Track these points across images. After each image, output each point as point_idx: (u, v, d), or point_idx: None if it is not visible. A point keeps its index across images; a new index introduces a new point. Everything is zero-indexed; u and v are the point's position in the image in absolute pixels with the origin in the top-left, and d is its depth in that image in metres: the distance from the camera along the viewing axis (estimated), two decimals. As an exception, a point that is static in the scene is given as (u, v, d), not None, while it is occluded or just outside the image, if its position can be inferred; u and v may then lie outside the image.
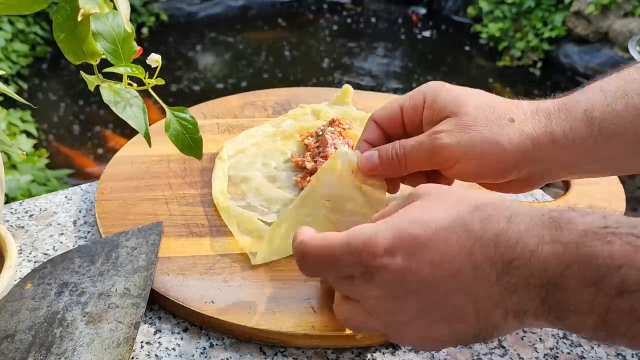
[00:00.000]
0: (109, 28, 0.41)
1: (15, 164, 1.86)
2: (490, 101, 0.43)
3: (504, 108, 0.42)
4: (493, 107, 0.43)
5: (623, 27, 3.07)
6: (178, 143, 0.46)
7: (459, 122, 0.42)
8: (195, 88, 3.31)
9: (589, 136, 0.41)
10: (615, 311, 0.29)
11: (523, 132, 0.41)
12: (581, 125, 0.41)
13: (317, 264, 0.37)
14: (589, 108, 0.41)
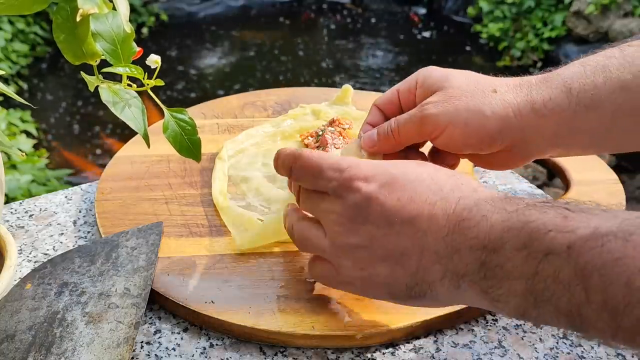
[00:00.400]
0: (109, 28, 0.41)
1: (15, 164, 1.86)
2: (475, 77, 0.46)
3: (488, 81, 0.45)
4: (478, 81, 0.45)
5: (623, 27, 3.07)
6: (176, 144, 0.46)
7: (445, 94, 0.45)
8: (195, 88, 3.31)
9: (568, 106, 0.43)
10: (541, 275, 0.31)
11: (505, 101, 0.44)
12: (560, 95, 0.43)
13: (304, 167, 0.40)
14: (568, 80, 0.43)
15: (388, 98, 0.50)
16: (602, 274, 0.29)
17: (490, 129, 0.44)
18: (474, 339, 0.43)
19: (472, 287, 0.34)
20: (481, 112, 0.44)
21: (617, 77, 0.42)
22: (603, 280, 0.29)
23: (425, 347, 0.43)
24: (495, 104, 0.44)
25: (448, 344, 0.43)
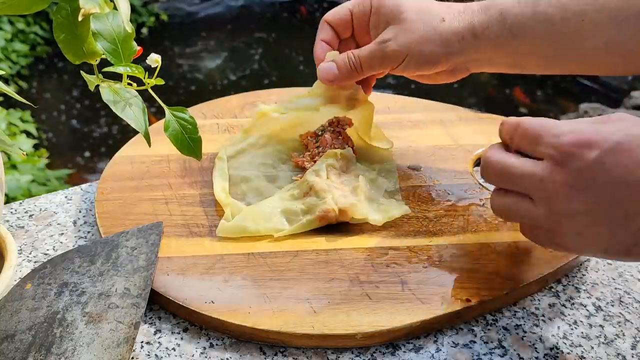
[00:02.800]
0: (109, 28, 0.41)
1: (15, 164, 1.86)
2: (426, 5, 0.52)
3: (437, 9, 0.51)
4: (429, 10, 0.51)
5: (623, 27, 3.07)
6: (177, 143, 0.46)
7: (401, 29, 0.51)
8: (195, 88, 3.31)
9: (501, 34, 0.50)
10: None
11: (451, 29, 0.51)
12: (497, 24, 0.50)
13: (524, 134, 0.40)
14: (504, 10, 0.50)
15: (340, 17, 0.54)
16: None
17: (439, 55, 0.51)
18: (474, 339, 0.43)
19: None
20: (433, 42, 0.50)
21: (543, 11, 0.49)
22: None
23: (425, 347, 0.43)
24: (444, 32, 0.50)
25: (448, 344, 0.43)
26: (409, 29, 0.50)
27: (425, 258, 0.48)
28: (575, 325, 0.45)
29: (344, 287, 0.45)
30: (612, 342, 0.44)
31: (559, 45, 0.50)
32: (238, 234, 0.50)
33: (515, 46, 0.51)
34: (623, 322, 0.45)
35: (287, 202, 0.52)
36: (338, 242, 0.50)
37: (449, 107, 0.73)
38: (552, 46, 0.50)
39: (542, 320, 0.45)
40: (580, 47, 0.50)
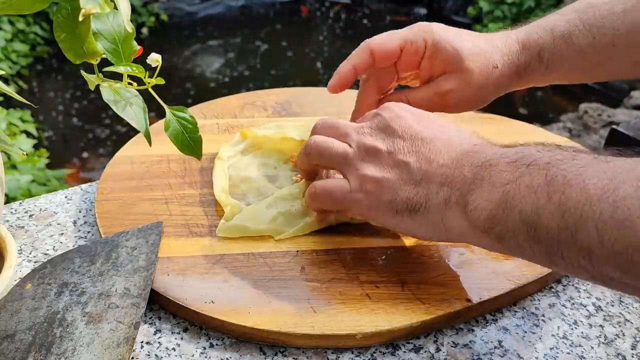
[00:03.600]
0: (110, 28, 0.41)
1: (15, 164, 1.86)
2: (481, 49, 0.53)
3: (490, 53, 0.53)
4: (484, 56, 0.53)
5: (623, 27, 3.07)
6: (178, 143, 0.46)
7: (462, 80, 0.52)
8: (195, 88, 3.31)
9: (540, 69, 0.54)
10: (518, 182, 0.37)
11: (502, 74, 0.53)
12: (536, 63, 0.53)
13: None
14: (542, 48, 0.53)
15: (388, 49, 0.53)
16: (565, 177, 0.34)
17: (490, 98, 0.55)
18: (474, 339, 0.43)
19: (458, 203, 0.40)
20: (487, 90, 0.53)
21: (577, 44, 0.52)
22: (564, 182, 0.34)
23: (425, 347, 0.43)
24: (497, 79, 0.53)
25: (448, 344, 0.43)
26: (469, 80, 0.52)
27: (425, 258, 0.48)
28: (575, 325, 0.45)
29: (344, 287, 0.45)
30: (612, 342, 0.44)
31: (590, 71, 0.54)
32: (238, 234, 0.50)
33: (551, 78, 0.55)
34: (623, 322, 0.45)
35: (286, 203, 0.52)
36: (338, 242, 0.50)
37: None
38: (585, 72, 0.54)
39: (542, 320, 0.45)
40: (610, 69, 0.54)
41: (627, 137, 1.12)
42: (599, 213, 0.32)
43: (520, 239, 0.36)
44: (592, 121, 2.42)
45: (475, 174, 0.40)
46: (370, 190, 0.44)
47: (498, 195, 0.37)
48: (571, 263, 0.34)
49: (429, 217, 0.42)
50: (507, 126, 0.69)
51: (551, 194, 0.34)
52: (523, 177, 0.36)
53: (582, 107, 2.52)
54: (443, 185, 0.41)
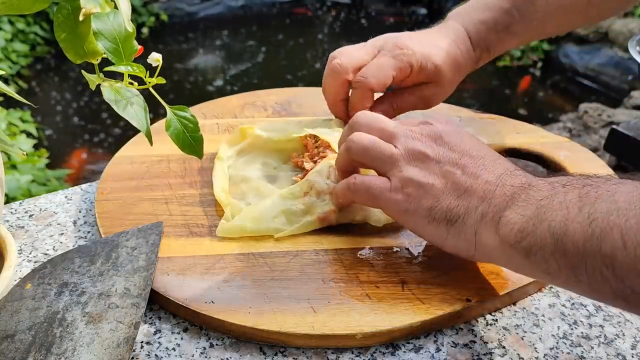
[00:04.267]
0: (110, 27, 0.41)
1: (15, 164, 1.86)
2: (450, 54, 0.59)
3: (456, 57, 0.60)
4: (453, 60, 0.60)
5: (623, 27, 3.07)
6: (179, 142, 0.46)
7: (440, 85, 0.60)
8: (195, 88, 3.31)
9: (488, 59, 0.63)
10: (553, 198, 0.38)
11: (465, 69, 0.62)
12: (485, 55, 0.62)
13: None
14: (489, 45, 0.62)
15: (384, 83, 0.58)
16: (597, 193, 0.35)
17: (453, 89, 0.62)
18: (474, 339, 0.43)
19: (493, 219, 0.41)
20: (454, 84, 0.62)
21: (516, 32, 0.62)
22: (595, 196, 0.35)
23: (425, 347, 0.43)
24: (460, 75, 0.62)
25: (448, 344, 0.43)
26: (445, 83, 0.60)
27: (425, 258, 0.48)
28: (575, 325, 0.45)
29: (344, 287, 0.45)
30: (612, 342, 0.44)
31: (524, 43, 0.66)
32: (238, 234, 0.50)
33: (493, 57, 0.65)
34: (623, 322, 0.45)
35: (287, 202, 0.52)
36: (338, 242, 0.50)
37: (449, 107, 0.73)
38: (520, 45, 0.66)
39: (542, 320, 0.45)
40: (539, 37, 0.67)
41: (627, 137, 1.12)
42: (624, 220, 0.32)
43: (546, 253, 0.37)
44: (592, 121, 2.42)
45: (514, 192, 0.41)
46: (411, 193, 0.44)
47: (531, 211, 0.38)
48: (594, 276, 0.34)
49: (464, 230, 0.42)
50: (507, 126, 0.69)
51: (582, 207, 0.35)
52: (557, 194, 0.38)
53: (582, 107, 2.52)
54: (483, 200, 0.42)
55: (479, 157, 0.44)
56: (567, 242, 0.35)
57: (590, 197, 0.36)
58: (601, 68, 3.18)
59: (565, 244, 0.35)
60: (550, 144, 0.65)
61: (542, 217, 0.37)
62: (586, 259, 0.34)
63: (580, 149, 0.65)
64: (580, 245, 0.34)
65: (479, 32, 0.61)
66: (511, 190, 0.41)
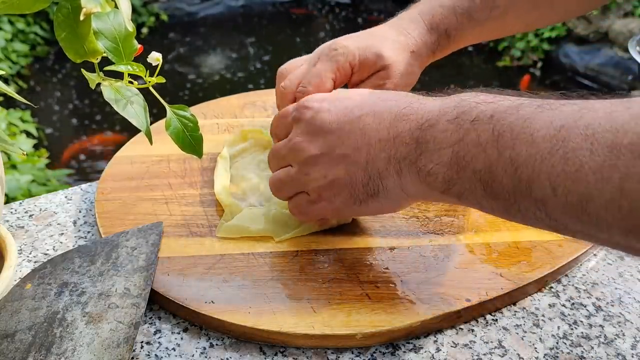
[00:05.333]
0: (110, 26, 0.41)
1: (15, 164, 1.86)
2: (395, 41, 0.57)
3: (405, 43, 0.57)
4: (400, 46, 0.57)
5: (623, 27, 3.08)
6: (179, 141, 0.46)
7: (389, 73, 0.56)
8: (195, 88, 3.31)
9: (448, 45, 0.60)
10: (465, 140, 0.36)
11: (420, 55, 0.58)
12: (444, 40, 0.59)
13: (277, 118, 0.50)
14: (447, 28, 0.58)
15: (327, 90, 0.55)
16: (512, 132, 0.34)
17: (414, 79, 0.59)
18: (474, 339, 0.43)
19: (410, 170, 0.40)
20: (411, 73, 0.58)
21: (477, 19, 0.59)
22: (512, 136, 0.34)
23: (425, 347, 0.43)
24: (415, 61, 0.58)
25: (448, 344, 0.43)
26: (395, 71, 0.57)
27: (425, 258, 0.48)
28: (575, 325, 0.45)
29: (344, 287, 0.45)
30: (612, 342, 0.44)
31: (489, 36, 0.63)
32: (237, 234, 0.50)
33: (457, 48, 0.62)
34: (623, 322, 0.45)
35: (284, 209, 0.52)
36: (338, 242, 0.50)
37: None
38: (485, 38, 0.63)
39: (542, 320, 0.45)
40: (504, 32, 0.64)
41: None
42: (550, 166, 0.32)
43: (478, 196, 0.37)
44: (592, 121, 2.42)
45: (416, 138, 0.39)
46: (328, 195, 0.45)
47: (448, 157, 0.37)
48: (528, 215, 0.35)
49: (391, 193, 0.42)
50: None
51: (501, 151, 0.34)
52: (469, 134, 0.36)
53: (582, 107, 2.51)
54: (389, 160, 0.41)
55: (358, 118, 0.43)
56: (496, 187, 0.35)
57: (506, 138, 0.34)
58: (601, 68, 3.18)
59: (494, 189, 0.35)
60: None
61: (462, 164, 0.37)
62: (518, 203, 0.34)
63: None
64: (510, 190, 0.34)
65: (435, 15, 0.59)
66: (412, 137, 0.40)
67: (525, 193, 0.33)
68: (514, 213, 0.36)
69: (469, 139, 0.36)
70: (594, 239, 0.33)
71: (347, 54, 0.55)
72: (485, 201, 0.37)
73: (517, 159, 0.33)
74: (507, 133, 0.34)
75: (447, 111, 0.38)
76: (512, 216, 0.36)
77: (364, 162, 0.42)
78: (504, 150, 0.34)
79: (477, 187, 0.36)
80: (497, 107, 0.36)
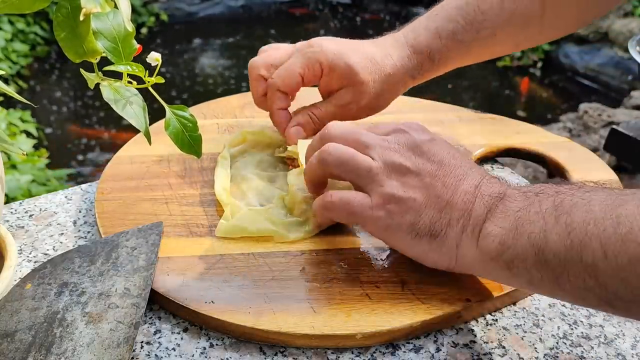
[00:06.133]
0: (110, 27, 0.41)
1: (15, 164, 1.86)
2: (372, 60, 0.56)
3: (382, 64, 0.56)
4: (376, 65, 0.56)
5: (623, 27, 3.07)
6: (177, 141, 0.46)
7: (358, 91, 0.56)
8: (195, 88, 3.31)
9: (432, 69, 0.59)
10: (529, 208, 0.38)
11: (397, 80, 0.57)
12: (427, 64, 0.58)
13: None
14: (431, 51, 0.58)
15: (293, 85, 0.56)
16: (571, 201, 0.36)
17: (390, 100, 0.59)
18: (474, 339, 0.43)
19: (473, 232, 0.40)
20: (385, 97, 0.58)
21: (463, 41, 0.58)
22: (571, 205, 0.35)
23: (425, 347, 0.43)
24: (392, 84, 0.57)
25: (448, 344, 0.43)
26: (365, 91, 0.56)
27: (425, 258, 0.48)
28: (575, 325, 0.45)
29: (344, 287, 0.45)
30: (612, 342, 0.44)
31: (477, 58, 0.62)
32: (237, 234, 0.50)
33: (442, 71, 0.61)
34: (623, 322, 0.45)
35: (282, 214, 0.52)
36: (338, 242, 0.50)
37: (449, 107, 0.73)
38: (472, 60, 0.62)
39: (542, 320, 0.45)
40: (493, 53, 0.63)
41: (627, 137, 1.12)
42: (602, 229, 0.33)
43: (528, 264, 0.37)
44: (592, 121, 2.42)
45: (492, 203, 0.40)
46: (392, 209, 0.42)
47: (510, 223, 0.38)
48: (577, 285, 0.34)
49: (446, 243, 0.41)
50: (507, 126, 0.69)
51: (558, 217, 0.35)
52: (533, 204, 0.38)
53: (582, 107, 2.52)
54: (464, 212, 0.41)
55: (456, 166, 0.43)
56: (548, 253, 0.35)
57: (565, 206, 0.36)
58: (601, 68, 3.18)
59: (546, 255, 0.35)
60: (550, 144, 0.65)
61: (520, 229, 0.37)
62: (568, 269, 0.34)
63: (580, 149, 0.65)
64: (562, 255, 0.35)
65: (418, 38, 0.58)
66: (489, 201, 0.41)
67: (576, 258, 0.34)
68: (563, 283, 0.35)
69: (532, 208, 0.38)
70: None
71: (319, 52, 0.55)
72: (535, 270, 0.36)
73: (571, 224, 0.35)
74: (567, 202, 0.36)
75: (521, 187, 0.41)
76: (561, 287, 0.36)
77: (444, 204, 0.42)
78: (561, 216, 0.35)
79: (528, 253, 0.36)
80: (563, 185, 0.38)
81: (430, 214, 0.42)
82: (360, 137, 0.45)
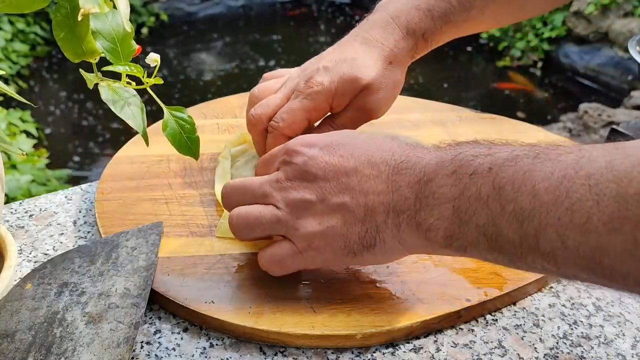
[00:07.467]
0: (109, 27, 0.41)
1: (15, 164, 1.86)
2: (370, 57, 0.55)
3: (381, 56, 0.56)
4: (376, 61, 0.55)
5: (623, 27, 3.07)
6: (175, 142, 0.46)
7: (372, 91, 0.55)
8: (195, 88, 3.31)
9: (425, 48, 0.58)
10: (466, 195, 0.36)
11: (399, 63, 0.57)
12: (422, 44, 0.58)
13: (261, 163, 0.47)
14: (425, 32, 0.57)
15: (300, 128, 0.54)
16: (514, 185, 0.34)
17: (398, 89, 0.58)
18: (474, 339, 0.43)
19: (410, 225, 0.39)
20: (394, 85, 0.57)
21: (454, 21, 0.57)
22: (513, 189, 0.33)
23: (425, 347, 0.43)
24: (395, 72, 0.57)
25: (448, 344, 0.43)
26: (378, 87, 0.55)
27: (425, 258, 0.48)
28: (575, 325, 0.45)
29: (344, 287, 0.45)
30: (612, 342, 0.44)
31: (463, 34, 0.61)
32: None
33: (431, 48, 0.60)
34: (623, 322, 0.45)
35: None
36: (338, 242, 0.50)
37: (449, 107, 0.73)
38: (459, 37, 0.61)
39: (542, 320, 0.45)
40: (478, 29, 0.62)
41: (627, 137, 1.12)
42: (557, 218, 0.31)
43: (481, 250, 0.36)
44: (592, 121, 2.42)
45: (416, 192, 0.38)
46: (319, 245, 0.41)
47: (449, 212, 0.37)
48: (535, 267, 0.34)
49: (388, 245, 0.41)
50: (507, 126, 0.69)
51: (504, 204, 0.34)
52: (469, 189, 0.36)
53: (582, 107, 2.52)
54: (388, 212, 0.39)
55: (354, 169, 0.41)
56: (501, 241, 0.35)
57: (507, 191, 0.34)
58: (601, 68, 3.18)
59: (500, 243, 0.35)
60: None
61: (463, 218, 0.36)
62: (525, 256, 0.34)
63: (580, 149, 0.65)
64: (517, 243, 0.34)
65: (411, 19, 0.56)
66: (411, 191, 0.39)
67: (532, 246, 0.33)
68: (520, 265, 0.35)
69: (469, 193, 0.36)
70: (605, 286, 0.33)
71: (324, 92, 0.53)
72: (490, 254, 0.36)
73: (521, 212, 0.33)
74: (508, 186, 0.34)
75: (444, 165, 0.38)
76: (517, 267, 0.36)
77: (362, 214, 0.40)
78: (507, 204, 0.34)
79: (480, 241, 0.36)
80: (495, 159, 0.35)
81: (355, 231, 0.40)
82: (252, 189, 0.44)
